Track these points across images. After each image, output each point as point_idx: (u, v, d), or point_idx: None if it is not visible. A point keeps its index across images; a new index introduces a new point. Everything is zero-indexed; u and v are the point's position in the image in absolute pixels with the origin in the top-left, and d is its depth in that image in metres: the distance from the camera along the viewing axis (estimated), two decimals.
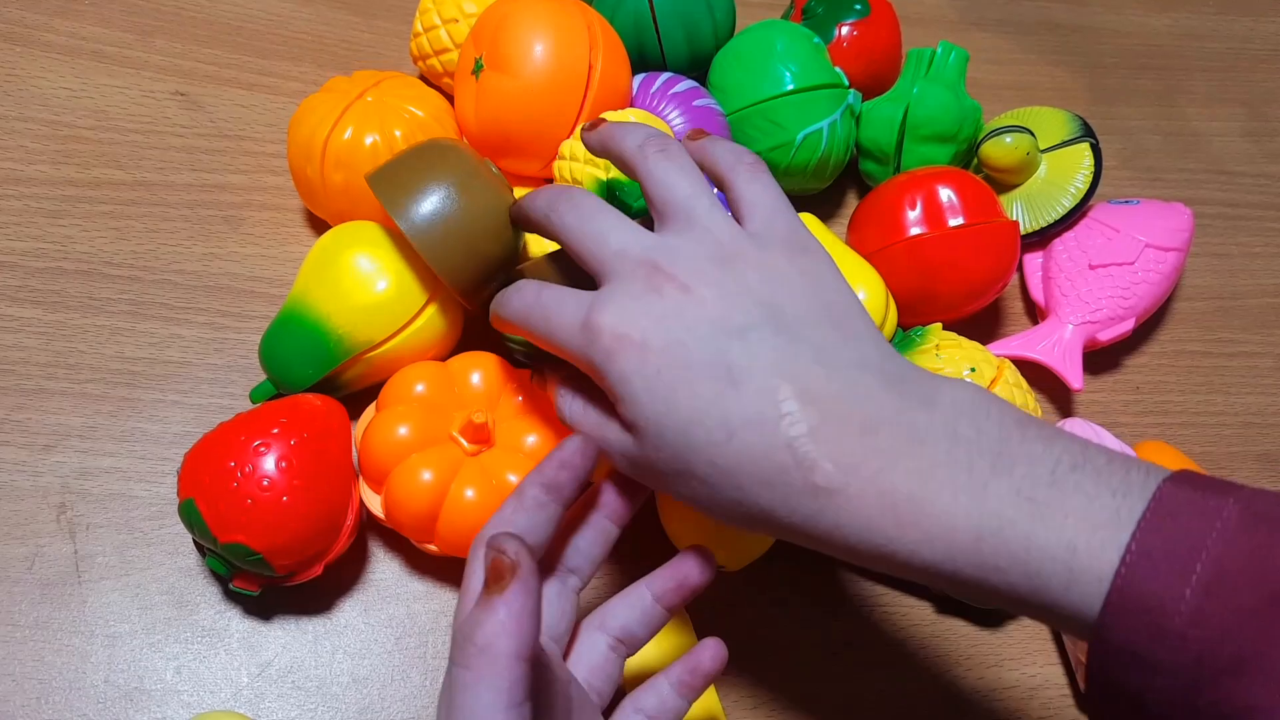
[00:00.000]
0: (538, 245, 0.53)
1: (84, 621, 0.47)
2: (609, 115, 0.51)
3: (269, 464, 0.43)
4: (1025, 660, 0.53)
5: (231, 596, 0.48)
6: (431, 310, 0.50)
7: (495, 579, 0.30)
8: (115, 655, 0.46)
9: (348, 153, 0.52)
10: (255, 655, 0.47)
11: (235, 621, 0.48)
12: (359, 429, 0.49)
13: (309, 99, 0.54)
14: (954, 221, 0.55)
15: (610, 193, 0.50)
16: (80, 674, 0.46)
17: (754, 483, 0.33)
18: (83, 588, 0.48)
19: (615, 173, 0.50)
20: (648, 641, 0.40)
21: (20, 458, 0.50)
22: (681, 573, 0.40)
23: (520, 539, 0.31)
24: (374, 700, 0.47)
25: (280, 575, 0.45)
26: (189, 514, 0.43)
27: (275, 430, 0.44)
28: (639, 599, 0.40)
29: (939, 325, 0.55)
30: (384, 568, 0.50)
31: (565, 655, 0.39)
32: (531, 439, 0.48)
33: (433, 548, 0.47)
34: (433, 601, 0.50)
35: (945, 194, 0.55)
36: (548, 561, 0.39)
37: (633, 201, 0.50)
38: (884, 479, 0.32)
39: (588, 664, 0.39)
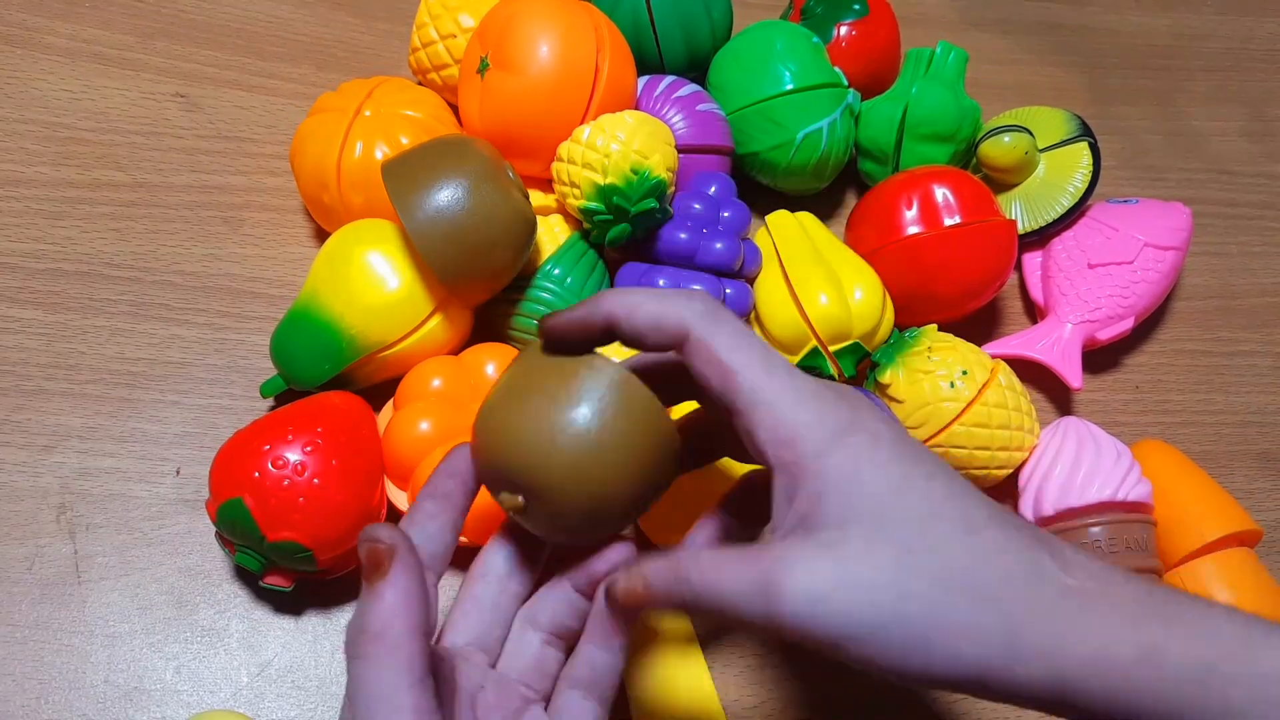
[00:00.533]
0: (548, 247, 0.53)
1: (84, 621, 0.47)
2: (606, 117, 0.51)
3: (319, 462, 0.44)
4: None
5: (232, 596, 0.48)
6: (442, 312, 0.50)
7: (374, 567, 0.30)
8: (115, 655, 0.47)
9: (362, 171, 0.52)
10: (255, 655, 0.47)
11: (235, 621, 0.48)
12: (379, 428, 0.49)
13: (304, 125, 0.54)
14: (950, 221, 0.55)
15: (608, 199, 0.50)
16: (80, 674, 0.46)
17: (999, 581, 0.30)
18: (82, 588, 0.48)
19: (612, 178, 0.50)
20: (582, 631, 0.38)
21: (20, 458, 0.50)
22: (593, 565, 0.37)
23: (393, 526, 0.31)
24: None
25: (320, 570, 0.45)
26: (234, 513, 0.43)
27: (320, 429, 0.45)
28: (563, 592, 0.38)
29: (933, 326, 0.55)
30: None
31: (497, 657, 0.38)
32: None
33: (461, 538, 0.47)
34: None
35: (941, 193, 0.55)
36: (479, 572, 0.38)
37: (631, 206, 0.50)
38: (1134, 585, 0.30)
39: (520, 665, 0.37)
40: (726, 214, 0.54)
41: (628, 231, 0.51)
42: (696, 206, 0.53)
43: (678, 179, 0.55)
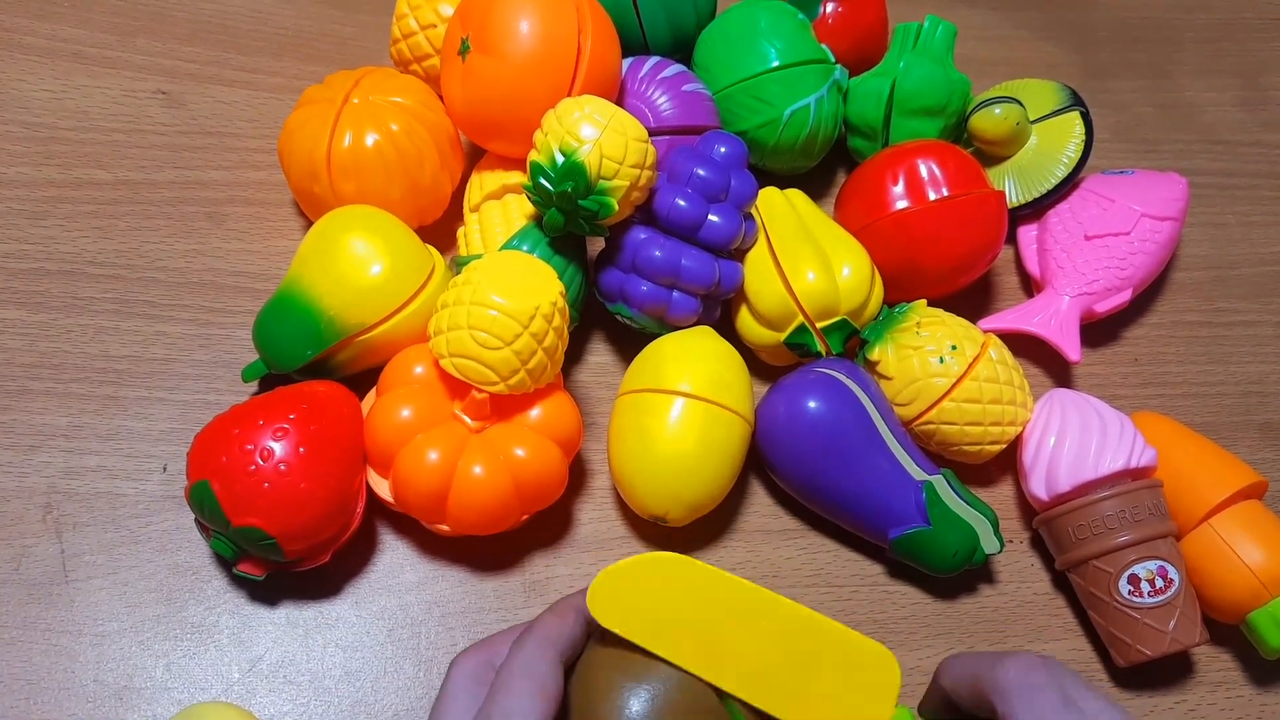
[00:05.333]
0: None
1: (72, 621, 0.46)
2: (567, 101, 0.49)
3: (287, 449, 0.43)
4: (1029, 636, 0.52)
5: (221, 592, 0.48)
6: (423, 296, 0.50)
7: None
8: (104, 654, 0.46)
9: (353, 160, 0.51)
10: (246, 650, 0.47)
11: (225, 617, 0.47)
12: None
13: (292, 118, 0.53)
14: (936, 194, 0.54)
15: (535, 177, 0.48)
16: (70, 674, 0.45)
17: None
18: (70, 587, 0.47)
19: (541, 155, 0.48)
20: None
21: (5, 458, 0.49)
22: None
23: None
24: (367, 693, 0.47)
25: (289, 561, 0.45)
26: (201, 495, 0.43)
27: (293, 416, 0.44)
28: None
29: (922, 302, 0.54)
30: (376, 559, 0.50)
31: None
32: (535, 412, 0.47)
33: (444, 528, 0.47)
34: (425, 593, 0.49)
35: (926, 167, 0.55)
36: None
37: (554, 185, 0.47)
38: None
39: None
40: (734, 183, 0.51)
41: (559, 222, 0.49)
42: (700, 172, 0.50)
43: (642, 184, 0.50)
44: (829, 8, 0.62)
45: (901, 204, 0.55)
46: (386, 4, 0.66)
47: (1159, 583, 0.49)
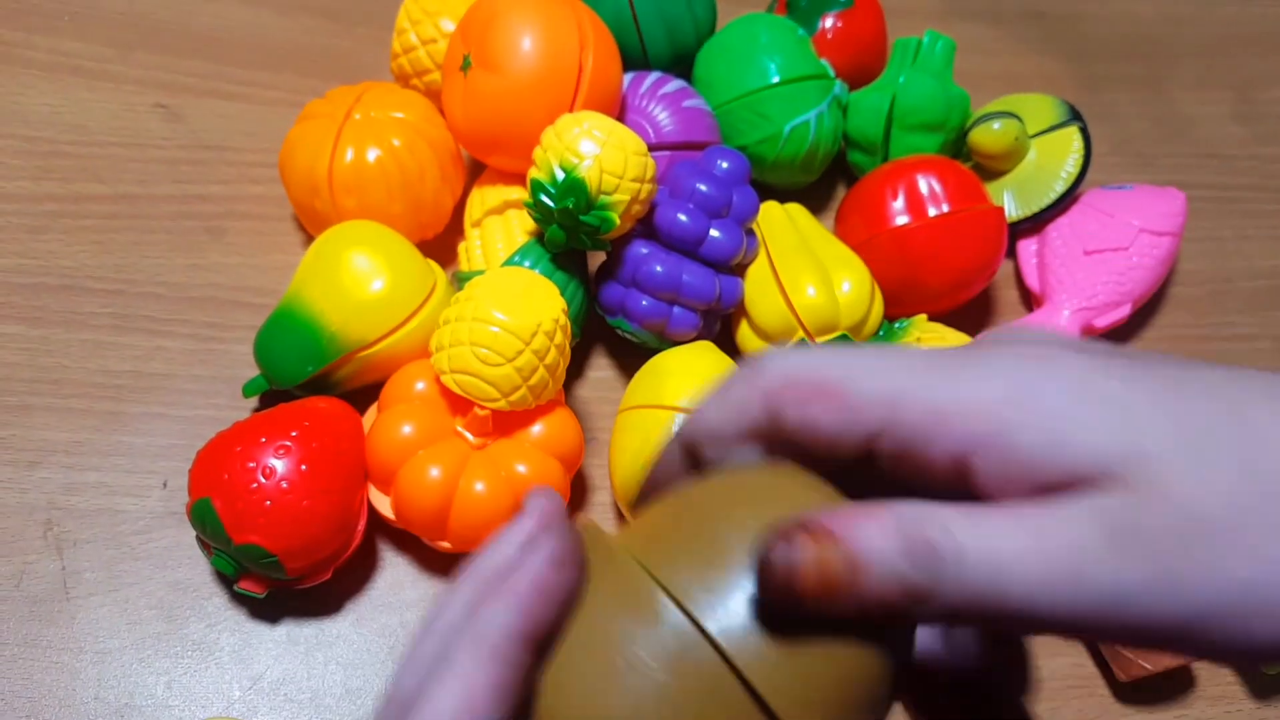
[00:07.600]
0: None
1: (73, 638, 0.46)
2: (567, 117, 0.49)
3: (289, 467, 0.43)
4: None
5: (222, 609, 0.48)
6: (425, 312, 0.50)
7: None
8: (105, 672, 0.46)
9: (354, 176, 0.51)
10: (247, 668, 0.47)
11: (226, 635, 0.47)
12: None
13: (293, 132, 0.53)
14: (936, 210, 0.54)
15: (535, 194, 0.48)
16: (70, 691, 0.45)
17: None
18: (71, 604, 0.47)
19: (541, 172, 0.48)
20: None
21: (5, 475, 0.49)
22: None
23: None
24: (368, 712, 0.47)
25: (290, 578, 0.45)
26: (203, 513, 0.43)
27: (295, 433, 0.44)
28: None
29: (923, 317, 0.54)
30: (377, 577, 0.50)
31: None
32: (536, 428, 0.47)
33: (446, 545, 0.46)
34: (426, 610, 0.49)
35: (926, 183, 0.55)
36: None
37: (555, 201, 0.47)
38: None
39: None
40: (736, 198, 0.51)
41: (561, 238, 0.49)
42: (702, 187, 0.50)
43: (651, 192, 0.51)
44: (828, 23, 0.62)
45: (901, 219, 0.55)
46: (387, 18, 0.66)
47: None
